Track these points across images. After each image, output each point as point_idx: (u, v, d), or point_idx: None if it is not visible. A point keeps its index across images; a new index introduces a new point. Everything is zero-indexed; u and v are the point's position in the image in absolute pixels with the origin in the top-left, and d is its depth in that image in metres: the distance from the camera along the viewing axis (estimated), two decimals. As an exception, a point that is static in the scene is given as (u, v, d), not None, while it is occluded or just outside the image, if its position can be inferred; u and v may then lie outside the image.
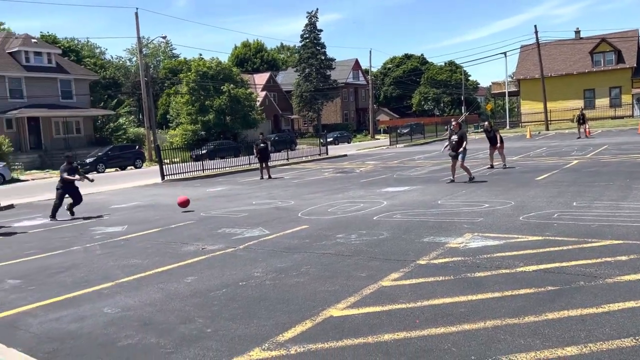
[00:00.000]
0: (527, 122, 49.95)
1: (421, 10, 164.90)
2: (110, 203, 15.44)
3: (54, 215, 12.83)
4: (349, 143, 54.51)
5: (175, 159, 27.40)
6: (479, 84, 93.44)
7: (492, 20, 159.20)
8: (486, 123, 18.29)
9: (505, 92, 54.45)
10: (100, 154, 35.00)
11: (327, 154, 32.07)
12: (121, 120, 46.99)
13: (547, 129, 43.90)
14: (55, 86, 41.44)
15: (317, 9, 65.66)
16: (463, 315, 4.64)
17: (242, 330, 4.65)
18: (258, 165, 21.37)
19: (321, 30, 63.58)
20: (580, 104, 47.09)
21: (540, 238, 7.30)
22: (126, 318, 5.21)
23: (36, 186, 25.06)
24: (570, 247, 6.72)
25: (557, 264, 5.98)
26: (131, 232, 10.20)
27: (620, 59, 48.58)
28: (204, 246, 8.37)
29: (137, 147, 38.52)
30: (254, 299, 5.51)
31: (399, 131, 44.06)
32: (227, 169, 25.77)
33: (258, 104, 55.66)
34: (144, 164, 36.65)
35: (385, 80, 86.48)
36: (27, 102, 39.23)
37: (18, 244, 9.85)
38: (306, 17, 63.37)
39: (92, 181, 13.62)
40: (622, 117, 46.91)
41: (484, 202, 10.75)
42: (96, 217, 12.72)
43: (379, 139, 56.85)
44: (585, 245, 6.73)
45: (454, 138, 14.19)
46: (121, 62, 74.68)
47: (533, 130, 40.29)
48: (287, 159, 29.42)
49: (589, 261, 6.01)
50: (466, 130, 14.97)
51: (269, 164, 21.27)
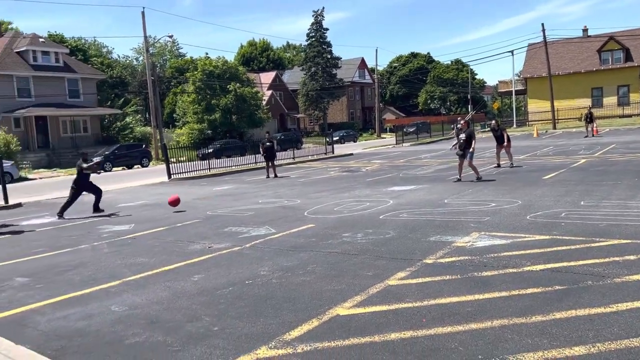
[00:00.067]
0: (534, 120, 49.68)
1: (428, 8, 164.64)
2: (118, 201, 15.50)
3: (61, 214, 12.86)
4: (354, 142, 54.43)
5: (182, 158, 27.48)
6: (485, 82, 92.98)
7: (499, 18, 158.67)
8: (493, 122, 18.21)
9: (512, 91, 54.20)
10: (107, 152, 35.17)
11: (333, 152, 32.06)
12: (128, 119, 47.18)
13: (555, 127, 43.66)
14: (62, 85, 41.71)
15: (323, 8, 65.46)
16: (470, 314, 4.63)
17: (249, 329, 4.66)
18: (264, 164, 21.40)
19: (327, 29, 63.61)
20: (587, 102, 46.76)
21: (547, 237, 7.27)
22: (133, 316, 5.24)
23: (44, 185, 25.20)
24: (578, 246, 6.68)
25: (564, 264, 5.96)
26: (138, 231, 10.24)
27: (628, 57, 48.21)
28: (211, 245, 8.40)
29: (143, 146, 38.63)
30: (261, 298, 5.52)
31: (405, 130, 43.95)
32: (233, 167, 25.83)
33: (264, 103, 55.69)
34: (151, 163, 36.79)
35: (392, 79, 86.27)
36: (34, 101, 39.51)
37: (26, 242, 9.92)
38: (312, 16, 63.44)
39: (99, 173, 14.79)
40: (630, 116, 46.55)
41: (491, 201, 10.72)
42: (103, 215, 12.78)
43: (385, 137, 56.73)
44: (593, 245, 6.69)
45: (462, 137, 14.15)
46: (128, 61, 75.04)
47: (540, 129, 40.07)
48: (293, 158, 29.45)
49: (597, 260, 5.98)
50: (474, 129, 14.92)
51: (275, 162, 21.31)
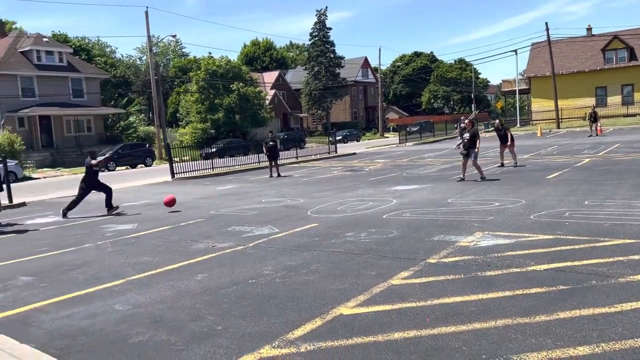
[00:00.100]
0: (538, 120, 49.54)
1: (431, 7, 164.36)
2: (121, 201, 15.52)
3: (66, 212, 12.78)
4: (358, 141, 54.40)
5: (185, 157, 27.53)
6: (489, 81, 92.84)
7: (502, 17, 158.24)
8: (497, 121, 18.17)
9: (515, 90, 54.02)
10: (110, 152, 35.24)
11: (336, 152, 32.03)
12: (131, 119, 47.27)
13: (558, 127, 43.56)
14: (66, 85, 41.82)
15: (326, 7, 65.48)
16: (474, 314, 4.62)
17: (252, 328, 4.67)
18: (267, 164, 21.41)
19: (330, 29, 63.54)
20: (591, 101, 46.60)
21: (551, 237, 7.25)
22: (137, 315, 5.25)
23: (48, 184, 25.27)
24: (582, 246, 6.66)
25: (568, 263, 5.94)
26: (142, 230, 10.26)
27: (632, 56, 48.02)
28: (214, 244, 8.41)
29: (147, 145, 38.72)
30: (264, 297, 5.52)
31: (408, 129, 43.93)
32: (236, 167, 25.84)
33: (267, 102, 55.75)
34: (154, 162, 36.85)
35: (395, 78, 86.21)
36: (38, 101, 39.63)
37: (31, 241, 9.95)
38: (315, 16, 63.41)
39: (103, 171, 13.94)
40: (634, 115, 46.36)
41: (495, 200, 10.70)
42: (107, 214, 12.81)
43: (388, 137, 56.66)
44: (597, 244, 6.67)
45: (466, 136, 14.14)
46: (131, 60, 75.10)
47: (544, 129, 39.98)
48: (296, 157, 29.45)
49: (601, 260, 5.97)
50: (478, 129, 14.91)
51: (278, 162, 21.33)
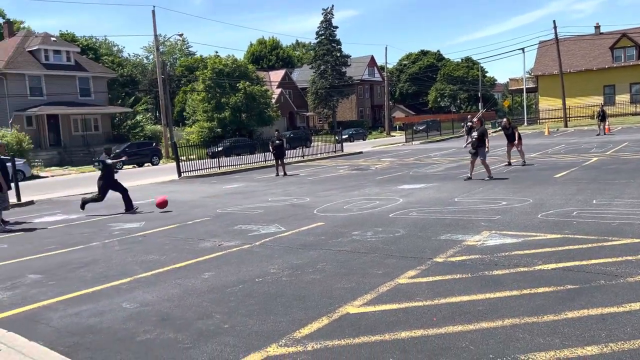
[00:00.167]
0: (545, 118, 49.28)
1: (437, 6, 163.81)
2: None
3: (84, 205, 13.07)
4: (364, 140, 54.34)
5: (192, 156, 27.63)
6: (496, 80, 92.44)
7: (510, 16, 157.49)
8: (505, 120, 18.07)
9: (523, 89, 53.74)
10: (117, 151, 35.38)
11: (342, 151, 32.03)
12: (138, 118, 47.46)
13: (566, 125, 43.30)
14: (74, 84, 42.05)
15: (332, 6, 65.28)
16: (481, 313, 4.61)
17: (259, 326, 4.67)
18: (273, 162, 21.43)
19: (336, 27, 63.50)
20: (599, 100, 46.25)
21: (559, 236, 7.21)
22: (144, 313, 5.27)
23: (55, 183, 25.43)
24: (590, 245, 6.62)
25: (576, 263, 5.91)
26: (149, 229, 10.30)
27: (641, 54, 47.68)
28: (221, 242, 8.43)
29: (154, 144, 38.86)
30: (271, 296, 5.53)
31: (414, 128, 43.82)
32: (242, 166, 25.90)
33: (273, 101, 55.76)
34: (161, 161, 36.99)
35: (401, 76, 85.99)
36: (46, 100, 39.87)
37: (39, 240, 10.01)
38: (321, 14, 63.38)
39: (117, 172, 14.02)
40: (643, 114, 46.06)
41: (502, 199, 10.66)
42: (114, 213, 12.87)
43: (394, 136, 56.55)
44: (605, 244, 6.63)
45: (474, 135, 14.09)
46: (138, 59, 75.35)
47: (551, 127, 39.76)
48: (303, 156, 29.45)
49: (610, 260, 5.93)
50: (486, 128, 14.86)
51: (285, 161, 21.35)
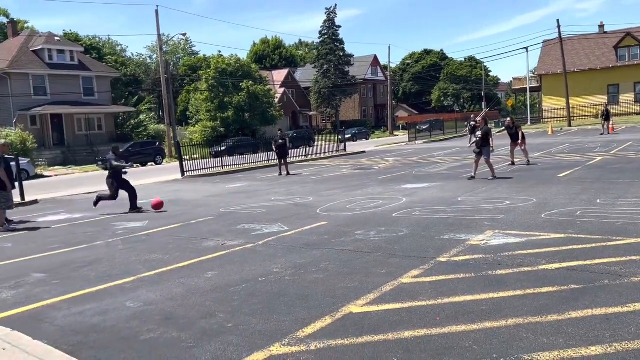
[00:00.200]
0: (549, 118, 49.16)
1: (441, 5, 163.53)
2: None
3: (97, 202, 13.23)
4: (367, 139, 54.28)
5: (195, 156, 27.65)
6: (499, 79, 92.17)
7: (513, 15, 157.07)
8: (508, 119, 18.03)
9: (526, 88, 53.61)
10: (121, 150, 35.44)
11: (345, 150, 32.01)
12: (142, 117, 47.55)
13: (570, 125, 43.18)
14: (77, 83, 42.16)
15: (335, 5, 65.07)
16: (484, 313, 4.60)
17: (262, 326, 4.68)
18: (277, 162, 21.44)
19: (340, 27, 63.54)
20: (603, 99, 46.14)
21: (563, 236, 7.19)
22: (148, 312, 5.28)
23: (59, 182, 25.50)
24: (594, 245, 6.61)
25: (580, 262, 5.89)
26: (152, 228, 10.32)
27: (645, 53, 47.51)
28: (224, 242, 8.44)
29: (157, 143, 38.92)
30: (274, 295, 5.53)
31: (418, 127, 43.78)
32: (246, 165, 25.92)
33: (276, 100, 55.81)
34: (164, 160, 37.05)
35: (404, 76, 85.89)
36: (50, 100, 39.99)
37: (42, 239, 10.04)
38: (325, 13, 63.46)
39: (125, 173, 13.65)
40: (647, 113, 45.91)
41: (505, 199, 10.63)
42: (118, 212, 12.90)
43: (397, 135, 56.50)
44: (609, 243, 6.61)
45: (478, 134, 14.07)
46: (142, 59, 75.48)
47: (555, 127, 39.65)
48: (306, 156, 29.46)
49: (614, 259, 5.91)
50: (490, 127, 14.84)
51: (288, 160, 21.35)
